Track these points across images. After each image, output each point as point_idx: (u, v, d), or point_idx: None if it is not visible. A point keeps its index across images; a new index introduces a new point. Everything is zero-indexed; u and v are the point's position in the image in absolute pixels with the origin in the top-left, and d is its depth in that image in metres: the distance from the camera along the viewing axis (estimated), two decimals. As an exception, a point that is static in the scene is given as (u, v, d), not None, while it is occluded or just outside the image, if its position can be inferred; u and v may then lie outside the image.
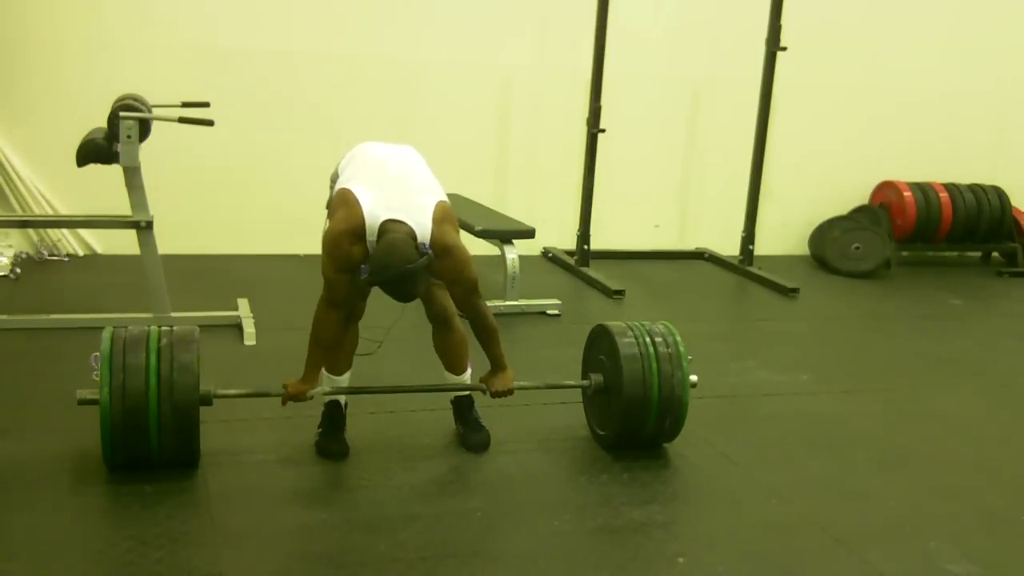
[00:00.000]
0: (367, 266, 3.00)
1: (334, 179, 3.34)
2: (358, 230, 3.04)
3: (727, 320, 5.93)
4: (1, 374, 3.95)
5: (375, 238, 3.02)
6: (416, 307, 3.42)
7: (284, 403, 3.27)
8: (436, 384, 3.56)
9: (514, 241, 5.28)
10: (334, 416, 3.45)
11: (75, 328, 4.40)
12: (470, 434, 3.54)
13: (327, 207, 3.38)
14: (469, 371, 3.54)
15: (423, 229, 3.05)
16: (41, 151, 5.68)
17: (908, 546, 3.07)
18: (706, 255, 7.11)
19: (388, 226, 3.01)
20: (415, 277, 2.97)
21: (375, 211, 3.03)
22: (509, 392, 3.42)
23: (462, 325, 3.46)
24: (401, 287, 2.99)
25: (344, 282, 3.13)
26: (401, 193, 3.10)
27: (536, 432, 3.71)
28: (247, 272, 5.74)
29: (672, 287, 6.39)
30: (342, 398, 3.47)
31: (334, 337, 3.24)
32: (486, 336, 3.33)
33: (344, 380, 3.44)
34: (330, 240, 3.10)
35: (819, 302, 6.23)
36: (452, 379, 3.54)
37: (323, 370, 3.37)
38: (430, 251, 3.00)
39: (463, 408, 3.59)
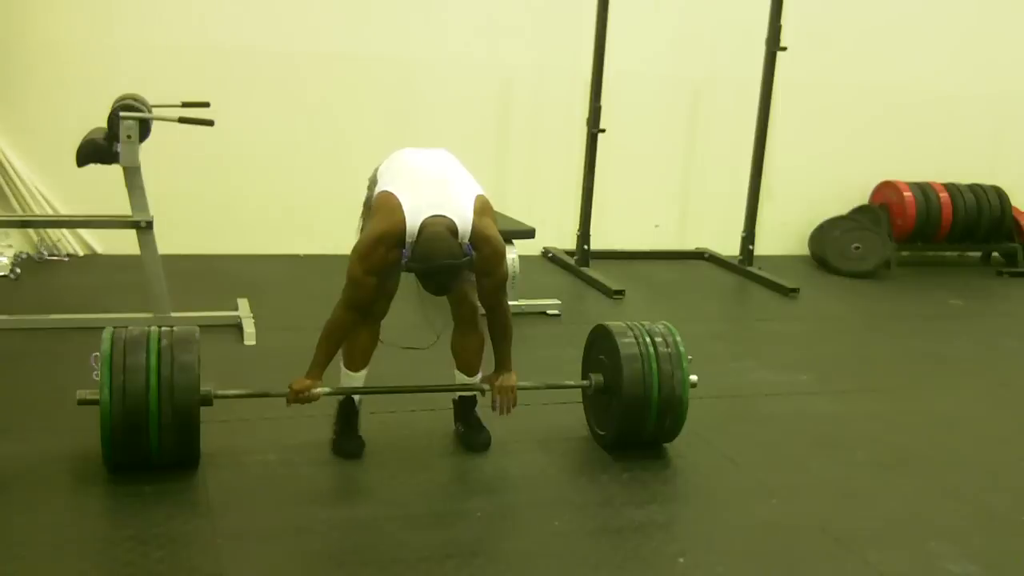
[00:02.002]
0: (407, 251, 3.03)
1: (372, 182, 3.33)
2: (399, 235, 3.07)
3: (727, 320, 5.93)
4: (1, 374, 3.95)
5: (415, 239, 3.05)
6: (412, 308, 3.43)
7: (289, 403, 3.26)
8: (437, 384, 3.56)
9: (514, 241, 5.28)
10: (349, 414, 3.46)
11: (75, 328, 4.40)
12: (472, 434, 3.54)
13: (364, 208, 3.38)
14: (480, 375, 3.53)
15: (464, 221, 3.10)
16: (41, 151, 5.68)
17: (908, 546, 3.07)
18: (706, 255, 7.11)
19: (429, 221, 3.06)
20: (455, 273, 3.04)
21: (417, 212, 3.07)
22: (512, 391, 3.40)
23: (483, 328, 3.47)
24: (439, 279, 3.03)
25: (371, 285, 3.14)
26: (441, 191, 3.14)
27: (536, 432, 3.71)
28: (247, 272, 5.74)
29: (672, 287, 6.39)
30: (357, 398, 3.48)
31: (345, 338, 3.27)
32: (501, 334, 3.35)
33: (360, 377, 3.44)
34: (367, 242, 3.11)
35: (819, 302, 6.23)
36: (462, 379, 3.53)
37: (342, 367, 3.39)
38: (473, 253, 3.06)
39: (466, 408, 3.59)
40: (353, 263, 3.13)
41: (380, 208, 3.14)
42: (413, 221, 3.06)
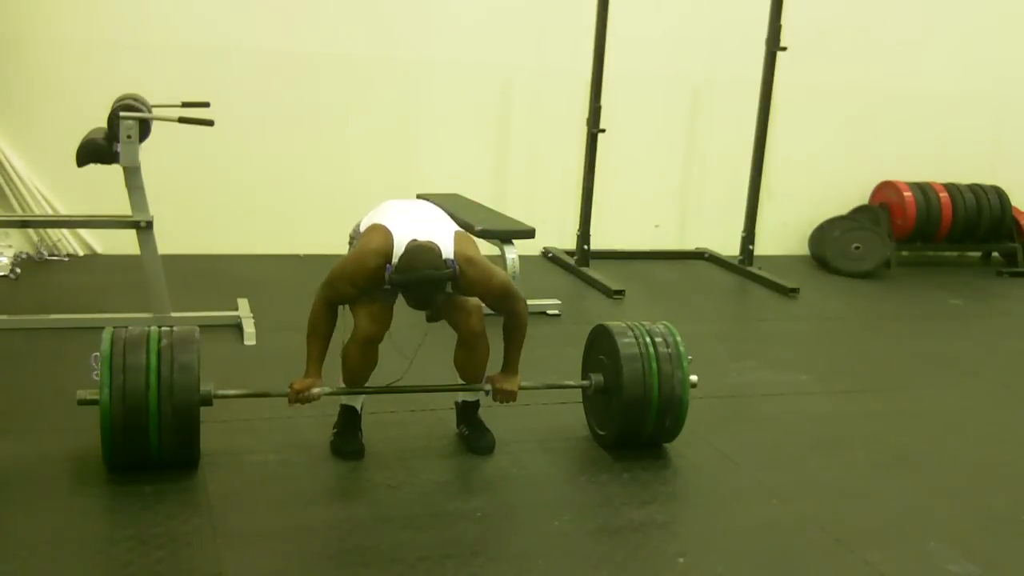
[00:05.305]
0: (391, 267, 3.09)
1: (354, 236, 3.40)
2: (387, 251, 3.15)
3: (727, 320, 5.92)
4: (1, 374, 3.95)
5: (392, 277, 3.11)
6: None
7: (291, 403, 3.27)
8: (438, 384, 3.56)
9: (514, 241, 5.27)
10: (350, 416, 3.46)
11: (75, 328, 4.40)
12: (476, 437, 3.54)
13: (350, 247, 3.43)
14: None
15: (447, 249, 3.18)
16: (41, 151, 5.68)
17: (908, 546, 3.07)
18: (706, 255, 7.11)
19: (414, 241, 3.15)
20: (437, 284, 3.09)
21: (403, 238, 3.16)
22: (512, 395, 3.41)
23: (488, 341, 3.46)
24: (421, 291, 3.09)
25: (351, 295, 3.22)
26: (426, 228, 3.23)
27: (536, 432, 3.71)
28: (247, 272, 5.74)
29: (672, 287, 6.39)
30: (358, 404, 3.48)
31: (331, 327, 3.28)
32: (514, 334, 3.36)
33: (360, 398, 3.47)
34: (357, 256, 3.19)
35: (819, 302, 6.23)
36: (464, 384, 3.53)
37: (340, 384, 3.39)
38: (456, 266, 3.12)
39: (469, 411, 3.59)
40: (337, 271, 3.21)
41: (370, 231, 3.23)
42: (400, 244, 3.15)
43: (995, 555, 3.06)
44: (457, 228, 3.34)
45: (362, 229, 3.32)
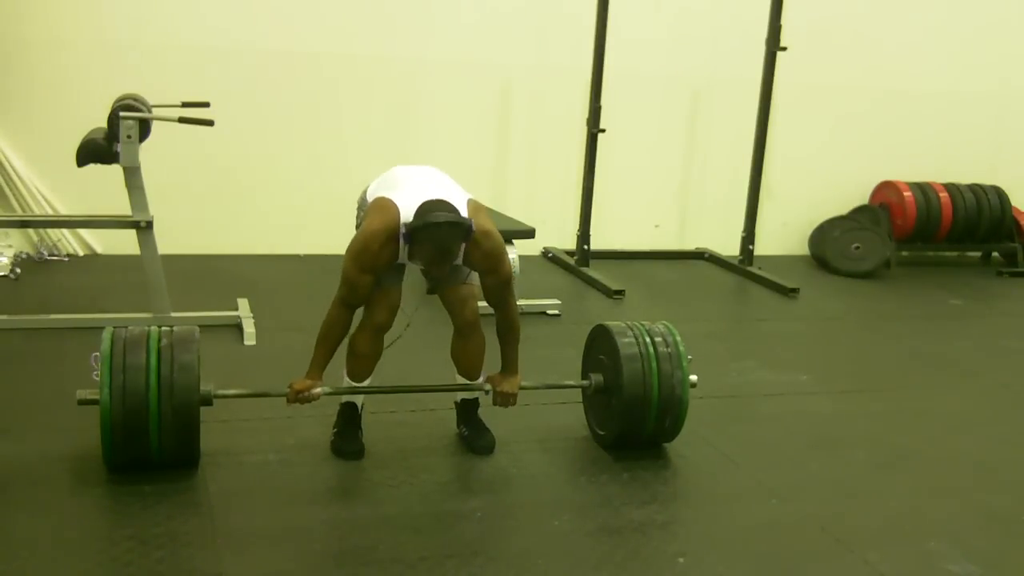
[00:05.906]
0: (405, 230, 3.02)
1: (362, 204, 3.34)
2: (393, 230, 3.08)
3: (727, 320, 5.93)
4: (1, 374, 3.95)
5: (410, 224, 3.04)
6: (420, 310, 3.43)
7: (289, 402, 3.26)
8: (438, 384, 3.56)
9: (514, 241, 5.27)
10: (351, 415, 3.45)
11: (75, 328, 4.40)
12: (477, 436, 3.53)
13: (357, 225, 3.35)
14: (482, 377, 3.52)
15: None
16: (41, 151, 5.68)
17: (908, 546, 3.07)
18: (706, 255, 7.11)
19: (427, 201, 3.05)
20: (457, 230, 3.00)
21: (411, 209, 3.07)
22: (513, 396, 3.41)
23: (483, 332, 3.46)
24: (443, 236, 2.99)
25: (366, 283, 3.16)
26: (436, 195, 3.12)
27: (536, 432, 3.71)
28: (247, 272, 5.74)
29: (672, 287, 6.39)
30: (359, 401, 3.48)
31: (343, 336, 3.26)
32: (508, 335, 3.35)
33: (361, 394, 3.46)
34: (361, 240, 3.12)
35: (819, 302, 6.23)
36: (463, 382, 3.51)
37: (345, 377, 3.39)
38: (473, 224, 3.04)
39: (469, 411, 3.59)
40: (347, 261, 3.14)
41: (373, 209, 3.16)
42: (407, 216, 3.07)
43: (995, 555, 3.06)
44: (470, 196, 3.25)
45: (369, 198, 3.26)
